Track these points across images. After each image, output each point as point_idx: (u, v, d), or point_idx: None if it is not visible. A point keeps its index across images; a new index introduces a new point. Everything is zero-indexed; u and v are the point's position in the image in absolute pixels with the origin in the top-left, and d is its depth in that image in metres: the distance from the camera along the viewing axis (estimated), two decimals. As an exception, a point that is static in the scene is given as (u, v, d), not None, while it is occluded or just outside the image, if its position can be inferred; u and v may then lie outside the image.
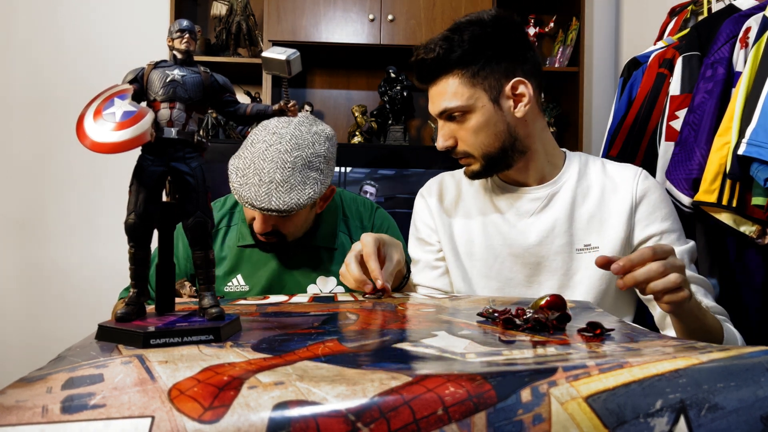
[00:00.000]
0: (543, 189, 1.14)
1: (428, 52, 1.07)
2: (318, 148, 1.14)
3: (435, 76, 1.09)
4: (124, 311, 0.57)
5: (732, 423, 0.40)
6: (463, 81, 1.06)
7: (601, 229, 1.10)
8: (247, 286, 1.26)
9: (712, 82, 1.40)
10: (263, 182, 1.09)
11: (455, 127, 1.09)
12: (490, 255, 1.14)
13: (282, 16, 2.34)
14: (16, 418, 0.35)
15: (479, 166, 1.11)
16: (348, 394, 0.37)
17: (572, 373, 0.40)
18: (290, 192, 1.10)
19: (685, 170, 1.43)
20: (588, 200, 1.13)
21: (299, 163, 1.11)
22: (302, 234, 1.25)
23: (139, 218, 0.56)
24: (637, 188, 1.11)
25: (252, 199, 1.09)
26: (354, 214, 1.35)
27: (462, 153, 1.11)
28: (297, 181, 1.10)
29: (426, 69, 1.09)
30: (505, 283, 1.13)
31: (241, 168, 1.12)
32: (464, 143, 1.10)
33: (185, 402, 0.36)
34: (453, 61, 1.06)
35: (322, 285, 1.26)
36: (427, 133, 2.73)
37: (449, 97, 1.07)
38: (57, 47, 2.54)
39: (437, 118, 1.12)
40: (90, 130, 0.52)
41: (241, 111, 0.63)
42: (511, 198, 1.16)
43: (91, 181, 2.56)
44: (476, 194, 1.21)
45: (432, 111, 1.12)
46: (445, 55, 1.05)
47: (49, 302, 2.55)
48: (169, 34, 0.61)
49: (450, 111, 1.07)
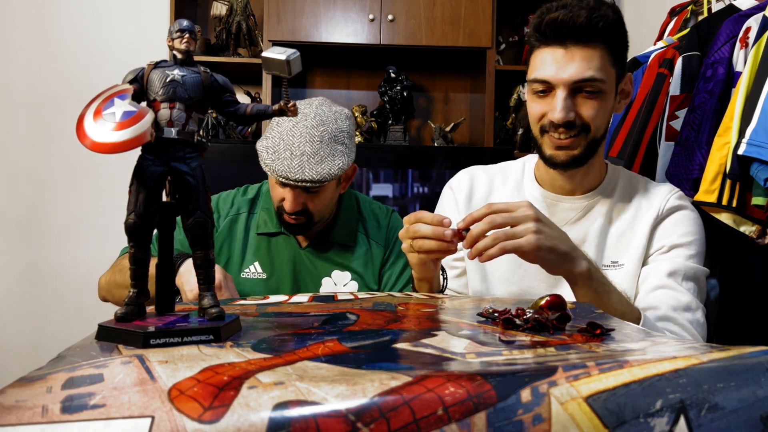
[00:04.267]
0: (581, 200, 1.10)
1: (575, 12, 0.97)
2: (341, 124, 1.21)
3: (581, 39, 0.98)
4: (124, 311, 0.57)
5: (732, 423, 0.40)
6: (608, 58, 1.00)
7: (628, 246, 1.07)
8: (264, 274, 1.29)
9: (712, 82, 1.41)
10: (295, 155, 1.15)
11: (580, 101, 1.01)
12: (515, 260, 1.04)
13: (282, 16, 2.34)
14: (15, 418, 0.35)
15: (581, 150, 1.03)
16: (348, 394, 0.37)
17: (572, 373, 0.40)
18: (321, 163, 1.16)
19: (685, 170, 1.43)
20: (622, 218, 1.09)
21: (326, 137, 1.17)
22: (328, 216, 1.29)
23: (139, 218, 0.56)
24: (666, 204, 1.08)
25: (286, 171, 1.14)
26: (369, 214, 1.37)
27: (578, 129, 1.01)
28: (326, 153, 1.16)
29: (572, 28, 0.97)
30: (526, 290, 1.09)
31: (271, 146, 1.18)
32: (586, 119, 1.01)
33: (185, 402, 0.36)
34: (601, 31, 0.98)
35: (337, 278, 1.29)
36: (427, 133, 2.73)
37: (596, 67, 0.98)
38: (57, 47, 2.54)
39: (561, 85, 0.99)
40: (90, 130, 0.52)
41: (241, 111, 0.63)
42: (546, 203, 1.11)
43: (91, 181, 2.56)
44: (510, 194, 1.15)
45: (566, 74, 0.99)
46: (596, 22, 0.97)
47: (49, 302, 2.55)
48: (169, 34, 0.61)
49: (592, 82, 0.99)
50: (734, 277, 1.42)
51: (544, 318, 0.62)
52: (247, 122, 0.64)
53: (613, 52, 1.01)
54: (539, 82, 1.02)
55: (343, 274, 1.30)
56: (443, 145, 2.54)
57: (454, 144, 2.60)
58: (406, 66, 2.60)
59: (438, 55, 2.54)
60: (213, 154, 2.06)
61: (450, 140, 2.58)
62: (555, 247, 0.86)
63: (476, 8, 2.40)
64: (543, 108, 1.04)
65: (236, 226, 1.31)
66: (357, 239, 1.33)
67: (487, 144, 2.43)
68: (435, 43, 2.39)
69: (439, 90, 2.77)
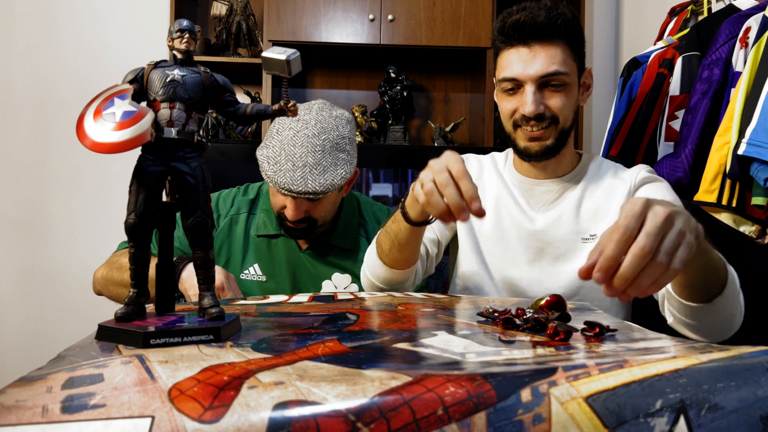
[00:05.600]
0: (555, 183, 1.18)
1: (535, 13, 1.05)
2: (342, 130, 1.19)
3: (542, 37, 1.07)
4: (124, 311, 0.57)
5: (732, 423, 0.40)
6: (568, 53, 1.09)
7: (604, 219, 1.13)
8: (264, 276, 1.29)
9: (707, 83, 1.41)
10: (297, 167, 1.13)
11: (547, 95, 1.09)
12: (498, 233, 1.18)
13: (282, 16, 2.34)
14: (16, 418, 0.35)
15: (553, 140, 1.11)
16: (348, 394, 0.37)
17: (572, 373, 0.40)
18: (324, 173, 1.14)
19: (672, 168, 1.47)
20: (596, 194, 1.16)
21: (328, 146, 1.16)
22: (330, 219, 1.29)
23: (139, 218, 0.56)
24: (638, 176, 1.14)
25: (288, 183, 1.13)
26: (371, 216, 1.37)
27: (548, 121, 1.10)
28: (328, 162, 1.15)
29: (534, 28, 1.06)
30: (508, 261, 1.17)
31: (272, 156, 1.16)
32: (554, 111, 1.09)
33: (185, 402, 0.36)
34: (561, 29, 1.06)
35: (337, 281, 1.29)
36: (427, 133, 2.73)
37: (559, 62, 1.07)
38: (57, 47, 2.54)
39: (529, 81, 1.07)
40: (90, 130, 0.52)
41: (241, 111, 0.63)
42: (525, 188, 1.20)
43: (92, 181, 2.56)
44: (495, 179, 1.23)
45: (532, 71, 1.07)
46: (554, 21, 1.05)
47: (49, 302, 2.55)
48: (169, 34, 0.61)
49: (557, 76, 1.07)
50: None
51: (544, 318, 0.62)
52: (247, 122, 0.64)
53: (573, 47, 1.09)
54: (508, 80, 1.10)
55: (344, 276, 1.29)
56: (443, 145, 2.54)
57: (454, 144, 2.60)
58: (406, 66, 2.60)
59: (438, 55, 2.54)
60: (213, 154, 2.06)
61: (450, 140, 2.58)
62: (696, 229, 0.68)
63: (476, 8, 2.40)
64: (514, 104, 1.11)
65: (236, 227, 1.30)
66: (358, 242, 1.32)
67: (486, 144, 2.43)
68: (435, 43, 2.39)
69: (439, 90, 2.77)
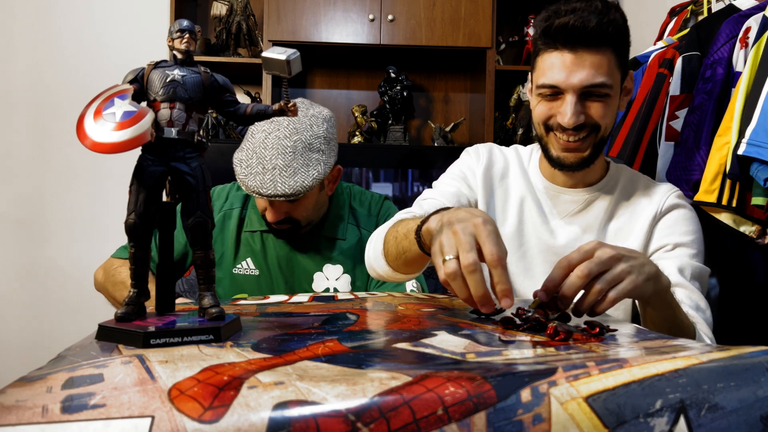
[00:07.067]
0: (582, 193, 1.11)
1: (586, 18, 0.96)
2: (316, 129, 1.17)
3: (590, 44, 0.97)
4: (124, 311, 0.57)
5: (732, 423, 0.40)
6: (614, 61, 1.00)
7: (625, 241, 1.08)
8: (256, 271, 1.29)
9: (711, 83, 1.41)
10: (266, 169, 1.12)
11: (588, 104, 1.01)
12: (518, 239, 1.12)
13: (282, 16, 2.34)
14: (16, 418, 0.35)
15: (590, 151, 1.04)
16: (348, 394, 0.37)
17: (572, 373, 0.40)
18: (294, 176, 1.12)
19: (684, 171, 1.44)
20: (622, 213, 1.10)
21: (299, 147, 1.14)
22: (317, 218, 1.28)
23: (139, 218, 0.56)
24: (665, 202, 1.08)
25: (258, 187, 1.12)
26: (361, 204, 1.37)
27: (587, 130, 1.02)
28: (299, 164, 1.13)
29: (583, 34, 0.97)
30: (524, 270, 1.12)
31: (244, 159, 1.16)
32: (596, 120, 1.01)
33: (185, 402, 0.36)
34: (610, 36, 0.98)
35: (328, 273, 1.29)
36: (427, 133, 2.73)
37: (605, 72, 0.98)
38: (57, 47, 2.54)
39: (571, 90, 0.99)
40: (90, 130, 0.52)
41: (241, 111, 0.63)
42: (551, 195, 1.13)
43: (92, 181, 2.56)
44: (520, 179, 1.16)
45: (575, 80, 0.98)
46: (605, 28, 0.96)
47: (49, 302, 2.55)
48: (169, 34, 0.61)
49: (602, 87, 0.99)
50: (734, 277, 1.42)
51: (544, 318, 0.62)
52: (247, 122, 0.64)
53: (620, 54, 1.01)
54: (548, 87, 1.01)
55: (335, 267, 1.30)
56: (443, 145, 2.54)
57: (454, 144, 2.60)
58: (406, 66, 2.60)
59: (438, 55, 2.54)
60: (213, 154, 2.06)
61: (450, 140, 2.58)
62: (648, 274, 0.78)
63: (476, 8, 2.40)
64: (550, 110, 1.03)
65: (229, 222, 1.31)
66: (347, 231, 1.32)
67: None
68: (435, 43, 2.39)
69: (439, 90, 2.77)
